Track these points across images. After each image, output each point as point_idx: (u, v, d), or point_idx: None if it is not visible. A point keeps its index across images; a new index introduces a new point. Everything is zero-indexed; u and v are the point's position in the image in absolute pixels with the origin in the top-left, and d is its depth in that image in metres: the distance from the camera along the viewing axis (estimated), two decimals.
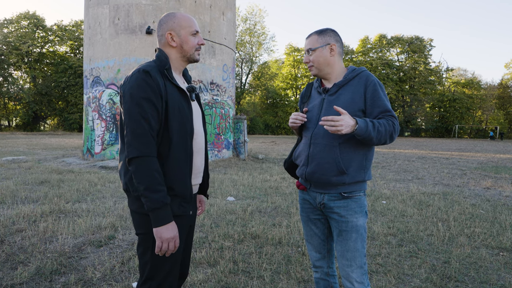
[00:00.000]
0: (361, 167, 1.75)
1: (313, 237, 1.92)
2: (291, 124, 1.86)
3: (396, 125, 1.70)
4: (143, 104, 1.43)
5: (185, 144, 1.53)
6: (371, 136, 1.63)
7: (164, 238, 1.43)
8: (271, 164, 10.67)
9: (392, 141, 1.73)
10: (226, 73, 11.50)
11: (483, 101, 52.21)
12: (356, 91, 1.74)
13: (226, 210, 4.83)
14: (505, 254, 3.35)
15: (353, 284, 1.73)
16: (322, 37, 1.80)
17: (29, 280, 2.65)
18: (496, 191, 6.79)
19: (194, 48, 1.62)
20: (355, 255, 1.73)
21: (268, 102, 52.35)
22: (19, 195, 5.46)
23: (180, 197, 1.53)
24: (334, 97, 1.79)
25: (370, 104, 1.72)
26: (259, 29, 50.87)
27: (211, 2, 10.64)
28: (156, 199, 1.40)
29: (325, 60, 1.80)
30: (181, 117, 1.52)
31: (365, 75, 1.77)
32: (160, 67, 1.53)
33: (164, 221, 1.42)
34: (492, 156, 15.80)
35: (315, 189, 1.83)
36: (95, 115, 10.36)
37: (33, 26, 42.04)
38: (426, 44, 51.79)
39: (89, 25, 10.67)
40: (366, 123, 1.63)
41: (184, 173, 1.53)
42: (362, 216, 1.77)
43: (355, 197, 1.76)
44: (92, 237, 3.60)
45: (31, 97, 40.03)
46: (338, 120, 1.60)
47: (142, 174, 1.40)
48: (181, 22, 1.60)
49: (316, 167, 1.75)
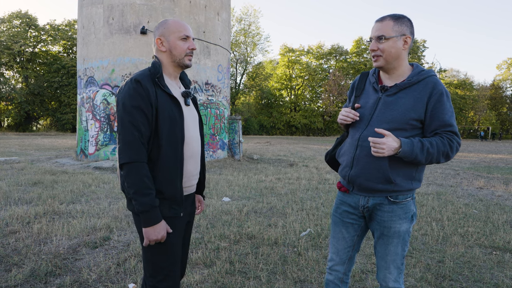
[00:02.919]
0: (410, 177, 1.64)
1: (340, 240, 1.82)
2: (341, 121, 1.72)
3: (454, 143, 1.57)
4: (134, 113, 1.50)
5: (175, 150, 1.58)
6: (418, 159, 1.53)
7: (151, 238, 1.52)
8: (266, 165, 10.68)
9: (448, 160, 1.60)
10: (221, 73, 11.49)
11: (476, 101, 52.81)
12: (419, 98, 1.58)
13: (221, 210, 4.83)
14: (498, 253, 3.40)
15: (388, 284, 1.70)
16: (398, 25, 1.59)
17: (24, 282, 2.63)
18: (489, 191, 6.87)
19: (183, 53, 1.63)
20: (395, 259, 1.68)
21: (263, 103, 52.38)
22: (12, 196, 5.40)
23: (169, 200, 1.58)
24: (392, 98, 1.62)
25: (430, 116, 1.58)
26: (253, 29, 50.92)
27: (206, 2, 10.63)
28: (144, 202, 1.47)
29: (397, 53, 1.60)
30: (171, 124, 1.56)
31: (433, 81, 1.59)
32: (152, 75, 1.57)
33: (151, 222, 1.50)
34: (484, 156, 15.99)
35: (358, 192, 1.72)
36: (89, 115, 10.28)
37: (25, 26, 41.56)
38: (420, 45, 52.19)
39: (83, 25, 10.59)
40: (412, 146, 1.52)
41: (174, 177, 1.58)
42: (406, 222, 1.67)
43: (402, 203, 1.66)
44: (87, 238, 3.58)
45: (23, 97, 39.57)
46: (379, 143, 1.50)
47: (132, 178, 1.48)
48: (170, 27, 1.63)
49: (360, 171, 1.65)
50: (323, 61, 53.98)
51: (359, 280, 2.78)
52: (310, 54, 53.55)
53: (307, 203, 5.43)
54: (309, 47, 53.90)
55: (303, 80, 52.79)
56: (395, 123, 1.59)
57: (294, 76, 53.08)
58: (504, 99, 56.00)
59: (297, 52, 52.75)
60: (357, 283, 2.73)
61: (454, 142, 1.57)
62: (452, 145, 1.56)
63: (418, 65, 1.68)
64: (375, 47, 1.61)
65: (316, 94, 53.48)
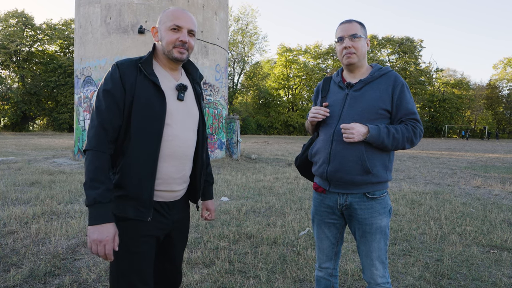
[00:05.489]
0: (385, 167, 1.71)
1: (323, 240, 1.87)
2: (311, 119, 1.77)
3: (417, 130, 1.66)
4: (102, 97, 1.40)
5: (148, 145, 1.41)
6: (384, 144, 1.62)
7: (91, 238, 1.33)
8: (264, 164, 10.68)
9: (412, 146, 1.69)
10: (219, 73, 11.48)
11: (472, 101, 53.08)
12: (384, 89, 1.69)
13: (220, 210, 4.83)
14: (495, 252, 3.42)
15: (375, 280, 1.72)
16: (363, 29, 1.74)
17: (23, 283, 2.62)
18: (486, 190, 6.91)
19: (171, 44, 1.47)
20: (379, 254, 1.72)
21: (260, 102, 52.38)
22: (10, 197, 5.38)
23: (134, 200, 1.42)
24: (359, 93, 1.72)
25: (396, 106, 1.68)
26: (251, 29, 50.91)
27: (204, 2, 10.62)
28: (91, 196, 1.32)
29: (364, 52, 1.75)
30: (146, 114, 1.41)
31: (394, 75, 1.73)
32: (138, 61, 1.47)
33: (95, 220, 1.33)
34: (481, 156, 16.07)
35: (335, 190, 1.74)
36: (86, 115, 10.25)
37: (21, 25, 41.34)
38: (417, 45, 52.41)
39: (80, 24, 10.55)
40: (379, 131, 1.61)
41: (142, 176, 1.41)
42: (386, 216, 1.73)
43: (379, 198, 1.72)
44: (86, 238, 3.57)
45: (19, 96, 39.37)
46: (349, 128, 1.60)
47: (86, 167, 1.35)
48: (164, 17, 1.51)
49: (339, 165, 1.67)
50: (321, 61, 54.07)
51: (358, 279, 2.79)
52: (307, 54, 53.62)
53: (306, 202, 5.44)
54: (307, 47, 53.99)
55: (300, 79, 52.85)
56: (365, 114, 1.67)
57: (292, 75, 53.13)
58: (500, 98, 56.31)
59: (294, 52, 52.81)
60: (356, 282, 2.74)
61: (417, 129, 1.67)
62: (415, 131, 1.66)
63: (377, 64, 1.82)
64: (350, 44, 1.70)
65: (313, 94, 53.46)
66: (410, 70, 52.21)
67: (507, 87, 56.11)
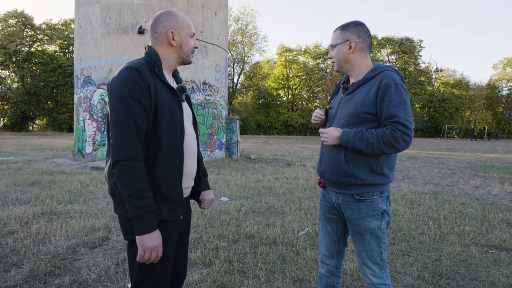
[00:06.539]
0: (371, 170, 1.67)
1: (325, 235, 1.93)
2: (313, 122, 1.92)
3: (398, 133, 1.55)
4: (131, 104, 1.36)
5: (175, 146, 1.46)
6: (357, 148, 1.61)
7: (147, 247, 1.36)
8: (264, 164, 10.69)
9: (396, 150, 1.59)
10: (218, 73, 11.49)
11: (472, 101, 53.14)
12: (368, 92, 1.64)
13: (220, 210, 4.84)
14: (494, 252, 3.43)
15: (370, 280, 1.74)
16: (343, 33, 1.74)
17: (23, 283, 2.63)
18: (485, 190, 6.92)
19: (190, 51, 1.59)
20: (371, 255, 1.73)
21: (260, 102, 52.43)
22: (10, 197, 5.39)
23: (169, 201, 1.45)
24: (349, 96, 1.73)
25: (379, 108, 1.62)
26: (251, 29, 50.95)
27: (203, 2, 10.63)
28: (140, 206, 1.32)
29: (343, 57, 1.74)
30: (171, 117, 1.45)
31: (383, 75, 1.63)
32: (150, 65, 1.45)
33: (148, 229, 1.35)
34: (480, 156, 16.09)
35: (331, 188, 1.83)
36: (86, 115, 10.25)
37: (21, 25, 41.34)
38: (416, 45, 52.49)
39: (80, 24, 10.56)
40: (350, 135, 1.61)
41: (174, 176, 1.46)
42: (376, 219, 1.70)
43: (368, 201, 1.70)
44: (86, 238, 3.58)
45: (19, 96, 39.39)
46: (324, 132, 1.70)
47: (127, 179, 1.33)
48: (182, 23, 1.55)
49: (326, 166, 1.77)
50: (320, 61, 54.13)
51: (357, 279, 2.80)
52: (307, 54, 53.66)
53: (305, 202, 5.46)
54: (306, 47, 54.04)
55: (300, 79, 52.89)
56: (348, 118, 1.70)
57: (291, 75, 53.18)
58: (500, 98, 56.40)
59: (294, 52, 52.85)
60: (355, 282, 2.75)
61: (398, 132, 1.55)
62: (395, 135, 1.54)
63: (380, 63, 1.75)
64: (330, 55, 1.82)
65: (313, 94, 53.59)
66: (410, 70, 52.27)
67: (507, 87, 56.23)
